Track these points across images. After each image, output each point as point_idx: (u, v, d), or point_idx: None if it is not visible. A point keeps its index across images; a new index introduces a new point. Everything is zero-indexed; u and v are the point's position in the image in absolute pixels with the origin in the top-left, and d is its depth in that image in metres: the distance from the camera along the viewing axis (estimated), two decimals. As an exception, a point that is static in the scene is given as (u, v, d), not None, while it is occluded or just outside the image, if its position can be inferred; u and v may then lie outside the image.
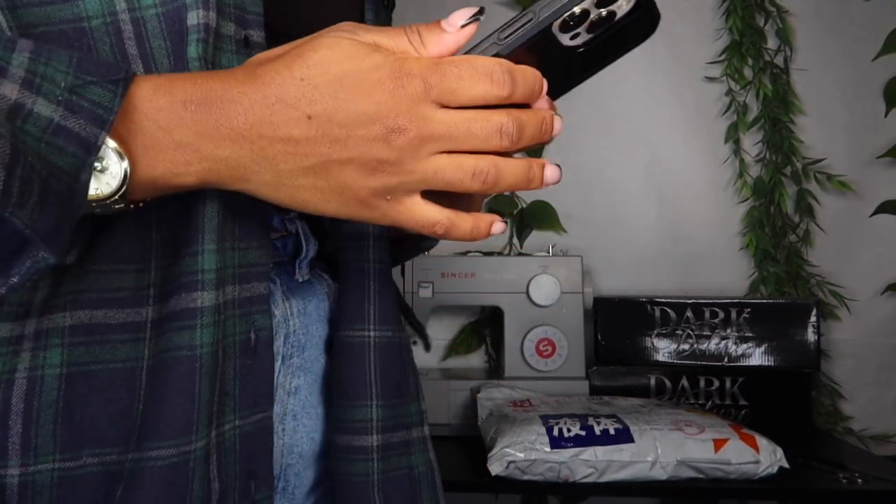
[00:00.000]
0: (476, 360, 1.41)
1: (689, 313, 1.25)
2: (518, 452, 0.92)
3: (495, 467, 0.92)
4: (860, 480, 0.94)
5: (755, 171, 1.39)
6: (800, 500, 1.14)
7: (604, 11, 0.38)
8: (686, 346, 1.25)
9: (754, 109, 1.39)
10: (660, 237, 1.41)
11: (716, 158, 1.41)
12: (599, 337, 1.26)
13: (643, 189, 1.41)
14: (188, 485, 0.36)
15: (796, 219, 1.38)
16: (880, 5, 1.36)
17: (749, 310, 1.25)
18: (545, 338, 1.22)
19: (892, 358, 1.34)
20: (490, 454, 0.94)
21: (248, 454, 0.40)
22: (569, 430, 0.94)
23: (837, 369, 1.34)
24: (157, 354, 0.37)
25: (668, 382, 1.22)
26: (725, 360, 1.24)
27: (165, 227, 0.39)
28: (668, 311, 1.26)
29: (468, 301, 1.27)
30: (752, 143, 1.40)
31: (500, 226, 0.40)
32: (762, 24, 1.39)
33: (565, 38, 0.39)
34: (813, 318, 1.23)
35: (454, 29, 0.37)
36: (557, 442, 0.93)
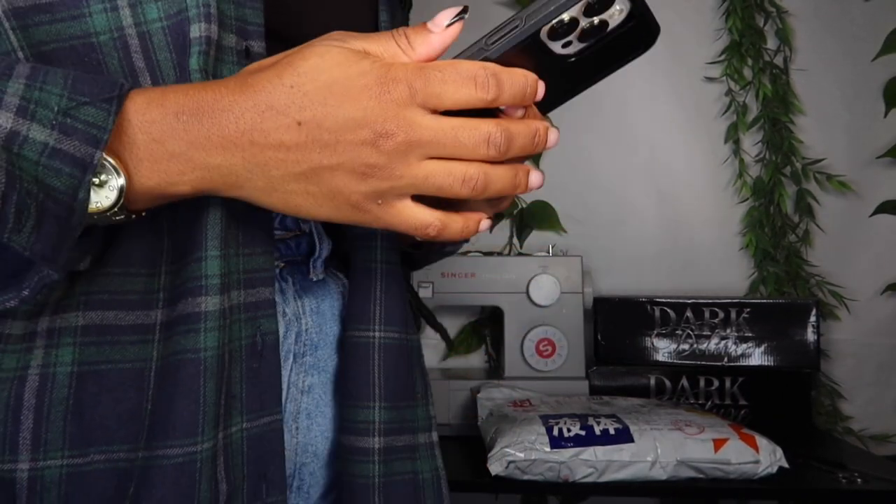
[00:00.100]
0: (476, 360, 1.41)
1: (688, 313, 1.25)
2: (518, 452, 0.92)
3: (495, 467, 0.92)
4: (860, 480, 0.94)
5: (755, 171, 1.39)
6: (800, 500, 1.14)
7: (596, 20, 0.37)
8: (686, 346, 1.25)
9: (754, 109, 1.39)
10: (660, 237, 1.41)
11: (716, 158, 1.41)
12: (599, 337, 1.26)
13: (643, 189, 1.41)
14: (195, 484, 0.37)
15: (796, 219, 1.38)
16: (880, 5, 1.36)
17: (749, 310, 1.25)
18: (545, 338, 1.22)
19: (891, 358, 1.34)
20: (490, 454, 0.94)
21: (257, 456, 0.41)
22: (569, 430, 0.94)
23: (837, 369, 1.34)
24: (165, 357, 0.38)
25: (667, 382, 1.22)
26: (725, 360, 1.24)
27: (174, 234, 0.40)
28: (668, 311, 1.26)
29: (468, 301, 1.27)
30: (751, 144, 1.40)
31: (486, 223, 0.41)
32: (762, 24, 1.39)
33: (556, 46, 0.38)
34: (813, 318, 1.23)
35: (440, 29, 0.38)
36: (557, 442, 0.93)
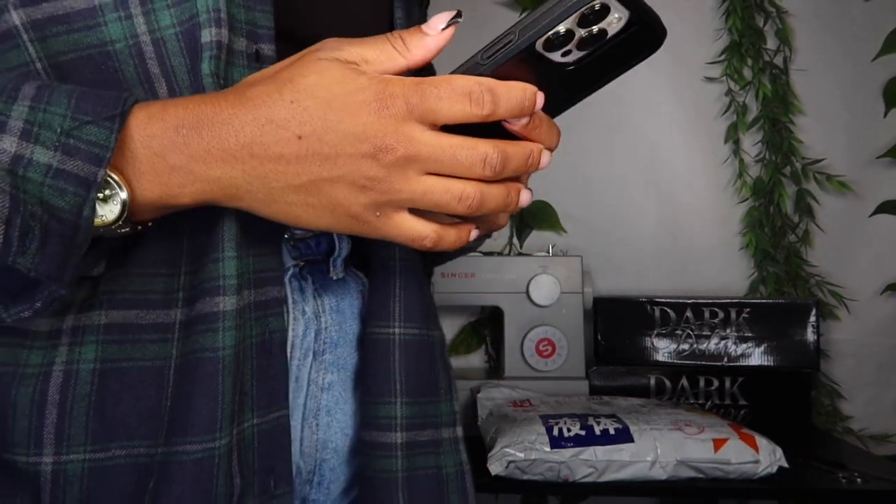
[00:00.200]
0: (476, 360, 1.41)
1: (688, 313, 1.25)
2: (518, 452, 0.92)
3: (495, 467, 0.92)
4: (860, 480, 0.94)
5: (755, 171, 1.39)
6: (799, 500, 1.14)
7: (594, 29, 0.37)
8: (686, 346, 1.25)
9: (754, 110, 1.39)
10: (660, 237, 1.41)
11: (716, 158, 1.41)
12: (599, 337, 1.26)
13: (643, 189, 1.41)
14: (213, 480, 0.38)
15: (796, 219, 1.38)
16: (880, 5, 1.36)
17: (749, 310, 1.25)
18: (545, 338, 1.22)
19: (891, 358, 1.34)
20: (490, 454, 0.94)
21: (266, 451, 0.42)
22: (569, 430, 0.94)
23: (837, 369, 1.34)
24: (185, 355, 0.39)
25: (667, 382, 1.22)
26: (725, 360, 1.24)
27: (193, 235, 0.41)
28: (668, 311, 1.26)
29: (468, 301, 1.27)
30: (751, 144, 1.40)
31: (476, 232, 0.42)
32: (762, 24, 1.39)
33: (555, 56, 0.38)
34: (812, 318, 1.23)
35: (435, 31, 0.38)
36: (557, 442, 0.93)
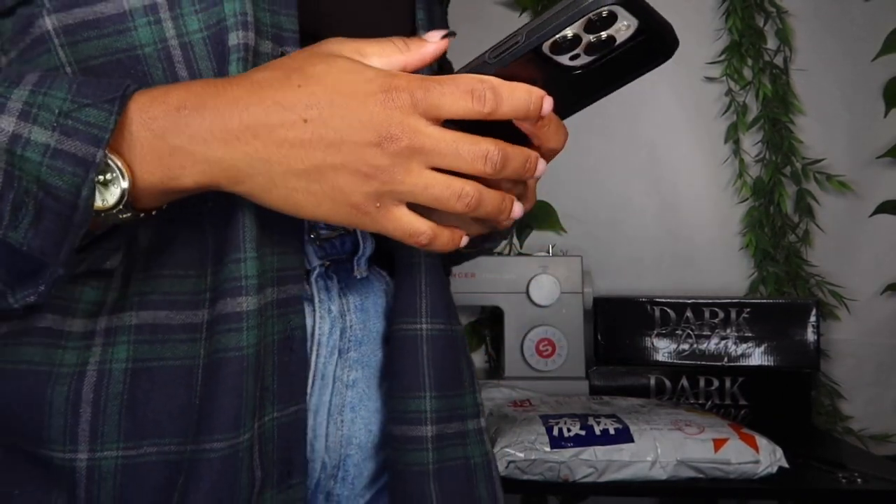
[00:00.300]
0: (476, 360, 1.41)
1: (688, 313, 1.25)
2: (518, 452, 0.92)
3: (495, 467, 0.92)
4: (860, 480, 0.94)
5: (755, 171, 1.39)
6: (799, 500, 1.14)
7: (603, 35, 0.37)
8: (686, 346, 1.25)
9: (754, 109, 1.39)
10: (660, 237, 1.41)
11: (716, 158, 1.41)
12: (599, 337, 1.26)
13: (643, 189, 1.41)
14: (237, 473, 0.39)
15: (796, 219, 1.38)
16: (880, 5, 1.36)
17: (749, 310, 1.25)
18: (545, 338, 1.22)
19: (891, 358, 1.34)
20: (490, 454, 0.94)
21: (285, 444, 0.43)
22: (569, 430, 0.94)
23: (837, 369, 1.34)
24: (211, 354, 0.40)
25: (667, 382, 1.22)
26: (725, 360, 1.24)
27: (216, 237, 0.41)
28: (668, 311, 1.26)
29: (468, 301, 1.27)
30: (751, 144, 1.40)
31: (466, 239, 0.42)
32: (762, 24, 1.39)
33: (563, 59, 0.38)
34: (812, 318, 1.23)
35: (435, 39, 0.40)
36: (557, 442, 0.93)
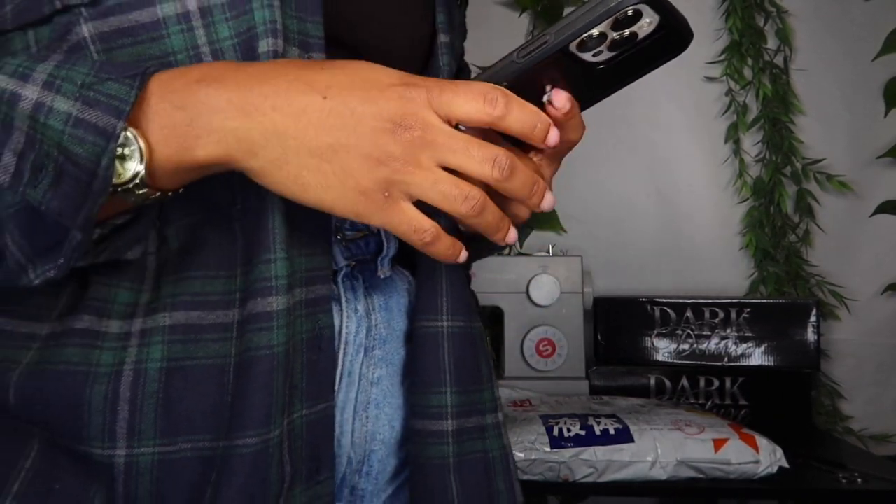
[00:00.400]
0: (476, 360, 1.40)
1: (688, 313, 1.25)
2: (518, 452, 0.92)
3: (495, 467, 0.92)
4: (860, 480, 0.94)
5: (755, 171, 1.39)
6: (800, 500, 1.14)
7: (626, 32, 0.38)
8: (686, 346, 1.25)
9: (754, 109, 1.39)
10: (660, 237, 1.41)
11: (716, 158, 1.41)
12: (599, 337, 1.26)
13: (643, 189, 1.41)
14: (268, 469, 0.40)
15: (796, 219, 1.38)
16: (880, 5, 1.36)
17: (749, 310, 1.25)
18: (545, 338, 1.22)
19: (892, 358, 1.34)
20: (490, 454, 0.94)
21: (314, 440, 0.44)
22: (569, 430, 0.94)
23: (837, 369, 1.34)
24: (242, 353, 0.41)
25: (668, 382, 1.22)
26: (725, 360, 1.24)
27: (246, 239, 0.42)
28: (668, 311, 1.26)
29: (468, 301, 1.26)
30: (752, 143, 1.40)
31: (465, 254, 0.42)
32: (762, 24, 1.39)
33: (587, 56, 0.39)
34: (813, 318, 1.23)
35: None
36: (557, 442, 0.93)
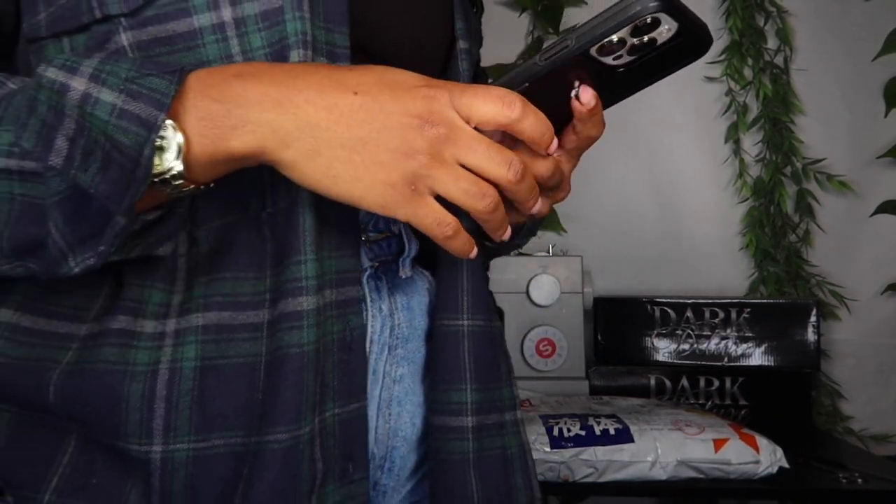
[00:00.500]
0: (476, 360, 1.40)
1: (689, 313, 1.25)
2: (518, 452, 0.92)
3: (495, 467, 0.92)
4: (860, 480, 0.94)
5: (755, 171, 1.39)
6: (800, 500, 1.14)
7: (645, 38, 0.39)
8: (686, 346, 1.25)
9: (754, 109, 1.39)
10: (660, 237, 1.41)
11: (716, 158, 1.41)
12: (599, 337, 1.26)
13: (643, 189, 1.41)
14: (299, 465, 0.42)
15: (796, 219, 1.38)
16: (880, 5, 1.36)
17: (749, 310, 1.25)
18: (545, 338, 1.22)
19: (892, 358, 1.34)
20: (490, 454, 0.94)
21: (347, 439, 0.45)
22: (569, 430, 0.94)
23: (837, 369, 1.34)
24: (272, 351, 0.42)
25: (668, 382, 1.22)
26: (725, 360, 1.24)
27: (276, 240, 0.44)
28: (668, 311, 1.26)
29: (468, 301, 1.26)
30: (752, 143, 1.40)
31: (476, 251, 0.44)
32: (762, 24, 1.39)
33: (607, 59, 0.41)
34: (813, 318, 1.23)
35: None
36: (557, 442, 0.93)
